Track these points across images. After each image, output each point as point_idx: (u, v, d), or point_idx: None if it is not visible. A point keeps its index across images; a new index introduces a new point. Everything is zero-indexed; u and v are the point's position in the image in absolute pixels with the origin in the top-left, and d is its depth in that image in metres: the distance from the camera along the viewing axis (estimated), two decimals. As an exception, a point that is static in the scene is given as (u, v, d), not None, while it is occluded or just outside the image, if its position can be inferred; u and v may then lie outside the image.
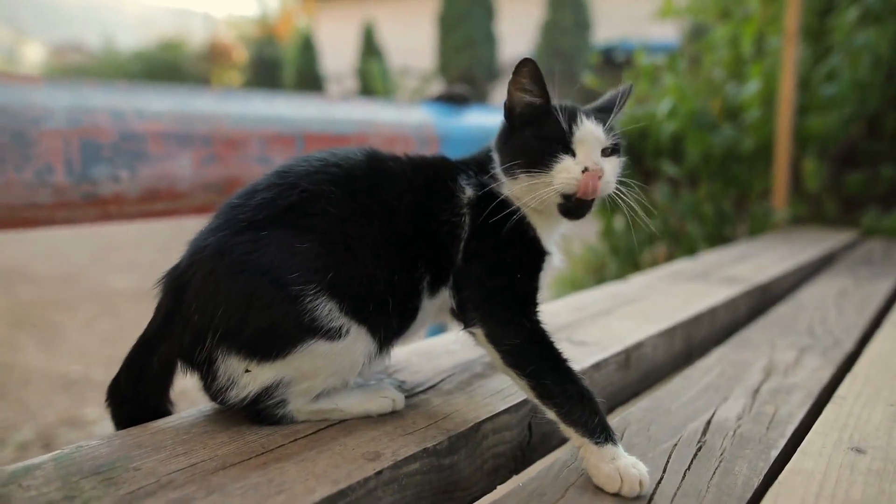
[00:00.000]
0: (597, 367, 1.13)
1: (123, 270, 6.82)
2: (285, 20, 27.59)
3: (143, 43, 26.85)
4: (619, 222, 3.66)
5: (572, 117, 0.89)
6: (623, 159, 0.95)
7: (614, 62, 4.26)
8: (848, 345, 1.39)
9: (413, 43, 17.80)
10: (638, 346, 1.26)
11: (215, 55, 25.44)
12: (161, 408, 0.89)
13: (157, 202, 1.81)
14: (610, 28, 14.99)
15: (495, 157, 0.95)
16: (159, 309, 0.85)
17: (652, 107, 3.51)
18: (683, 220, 3.46)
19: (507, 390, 0.98)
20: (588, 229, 4.61)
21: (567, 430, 0.79)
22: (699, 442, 0.90)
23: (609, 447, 0.76)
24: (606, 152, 0.91)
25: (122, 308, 5.41)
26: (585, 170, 0.86)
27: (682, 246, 3.44)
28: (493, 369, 1.08)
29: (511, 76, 0.91)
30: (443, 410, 0.90)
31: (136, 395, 0.87)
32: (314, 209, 0.83)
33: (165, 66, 23.50)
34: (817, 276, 2.22)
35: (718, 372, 1.20)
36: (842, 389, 1.06)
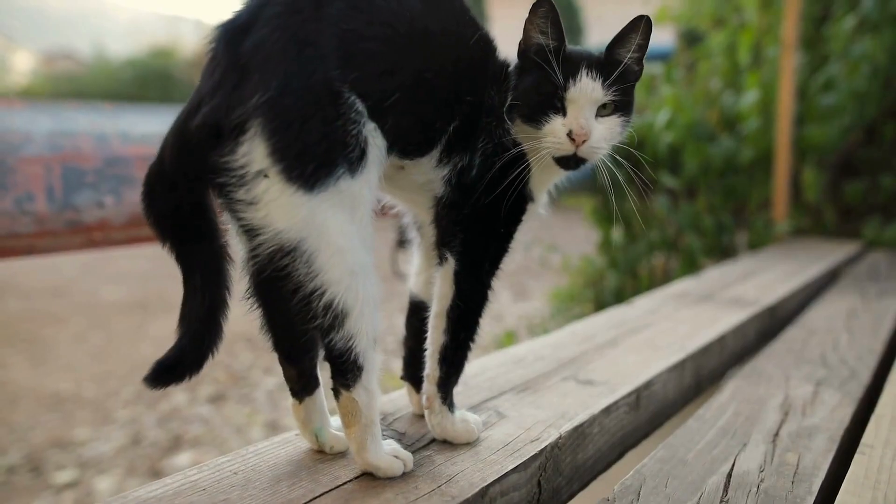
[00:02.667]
0: (607, 411, 1.07)
1: (114, 282, 6.74)
2: (277, 26, 27.49)
3: (135, 50, 26.72)
4: (617, 234, 3.62)
5: (572, 71, 0.85)
6: (627, 119, 0.89)
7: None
8: (865, 376, 1.34)
9: (406, 48, 17.78)
10: (648, 384, 1.20)
11: (207, 61, 25.31)
12: (201, 207, 0.78)
13: (144, 228, 1.73)
14: (603, 33, 14.99)
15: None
16: (215, 66, 0.75)
17: (649, 117, 3.46)
18: (682, 232, 3.41)
19: (514, 444, 0.92)
20: (586, 241, 4.56)
21: (430, 387, 0.91)
22: (722, 501, 0.84)
23: (450, 412, 0.92)
24: (607, 109, 0.87)
25: (112, 321, 5.33)
26: (570, 133, 0.84)
27: (682, 257, 3.40)
28: (499, 417, 1.02)
29: (527, 15, 0.87)
30: (447, 471, 0.83)
31: (176, 175, 0.76)
32: None
33: (157, 74, 23.37)
34: (824, 294, 2.18)
35: (734, 411, 1.14)
36: (868, 437, 1.01)
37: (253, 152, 0.71)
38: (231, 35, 0.74)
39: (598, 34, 15.15)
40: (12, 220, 1.49)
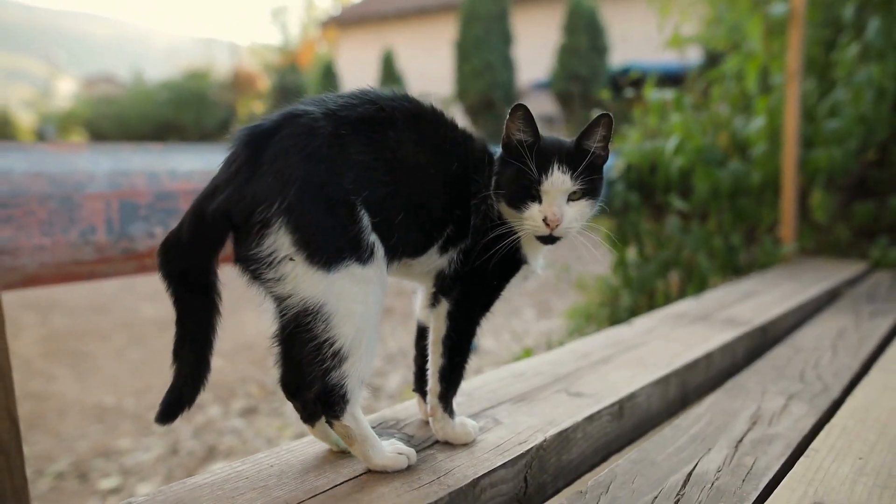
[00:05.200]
0: (590, 419, 1.23)
1: (152, 299, 7.03)
2: (307, 48, 28.25)
3: (171, 73, 27.65)
4: (631, 255, 3.75)
5: (545, 166, 1.01)
6: (595, 200, 1.05)
7: (620, 86, 4.35)
8: (835, 391, 1.47)
9: (432, 69, 18.12)
10: (631, 396, 1.35)
11: (240, 84, 26.09)
12: (206, 270, 0.92)
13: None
14: (626, 51, 15.13)
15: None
16: (233, 159, 0.91)
17: (661, 142, 3.60)
18: (694, 253, 3.53)
19: (504, 445, 1.08)
20: (605, 260, 4.67)
21: (433, 400, 1.09)
22: (678, 495, 0.99)
23: (450, 418, 1.09)
24: (577, 195, 1.03)
25: (151, 337, 5.59)
26: (545, 219, 1.01)
27: (694, 278, 3.51)
28: (496, 423, 1.18)
29: (508, 116, 1.04)
30: (445, 466, 1.00)
31: (190, 245, 0.91)
32: (380, 127, 0.95)
33: (191, 96, 24.16)
34: (820, 314, 2.29)
35: (707, 421, 1.29)
36: (817, 442, 1.14)
37: (278, 242, 0.89)
38: (252, 138, 0.92)
39: (622, 53, 15.28)
40: (77, 249, 1.70)
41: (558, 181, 1.01)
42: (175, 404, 0.93)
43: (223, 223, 0.90)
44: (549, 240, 1.04)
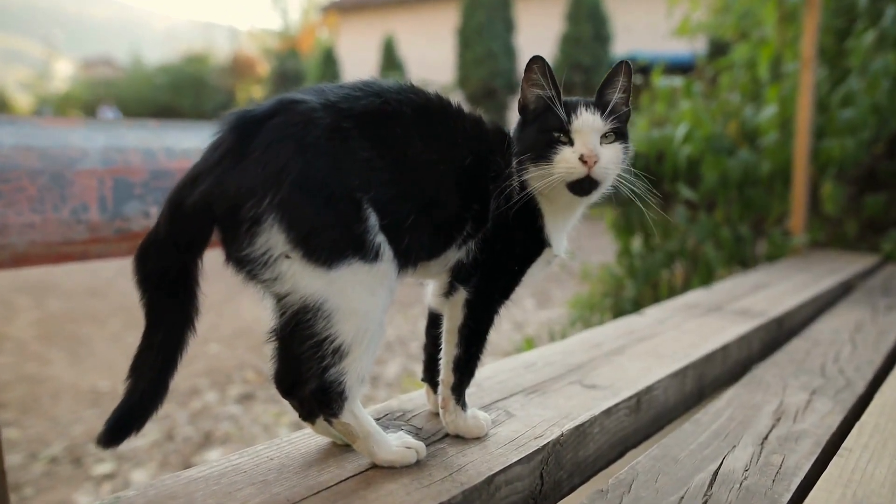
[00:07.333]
0: (607, 413, 1.16)
1: (149, 284, 6.95)
2: (307, 33, 28.02)
3: (170, 57, 27.45)
4: (636, 244, 3.69)
5: (573, 109, 0.95)
6: (627, 145, 0.99)
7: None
8: (860, 386, 1.41)
9: (433, 56, 17.97)
10: (648, 389, 1.29)
11: (239, 68, 25.89)
12: (186, 274, 0.85)
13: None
14: (630, 41, 15.00)
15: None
16: (218, 145, 0.82)
17: (669, 130, 3.53)
18: (701, 243, 3.47)
19: (519, 440, 1.02)
20: (606, 250, 4.61)
21: (445, 391, 1.02)
22: (705, 495, 0.93)
23: (462, 410, 1.03)
24: (609, 138, 0.96)
25: (147, 322, 5.53)
26: (582, 157, 0.93)
27: (700, 269, 3.45)
28: (508, 416, 1.12)
29: (524, 74, 0.97)
30: (457, 462, 0.94)
31: (168, 242, 0.83)
32: (387, 123, 0.88)
33: (190, 79, 23.99)
34: (835, 307, 2.23)
35: (728, 416, 1.23)
36: (849, 441, 1.09)
37: (272, 240, 0.80)
38: (241, 123, 0.82)
39: (625, 43, 15.15)
40: (69, 228, 1.63)
41: (589, 120, 0.94)
42: (123, 424, 0.84)
43: (204, 217, 0.81)
44: (585, 185, 0.94)
